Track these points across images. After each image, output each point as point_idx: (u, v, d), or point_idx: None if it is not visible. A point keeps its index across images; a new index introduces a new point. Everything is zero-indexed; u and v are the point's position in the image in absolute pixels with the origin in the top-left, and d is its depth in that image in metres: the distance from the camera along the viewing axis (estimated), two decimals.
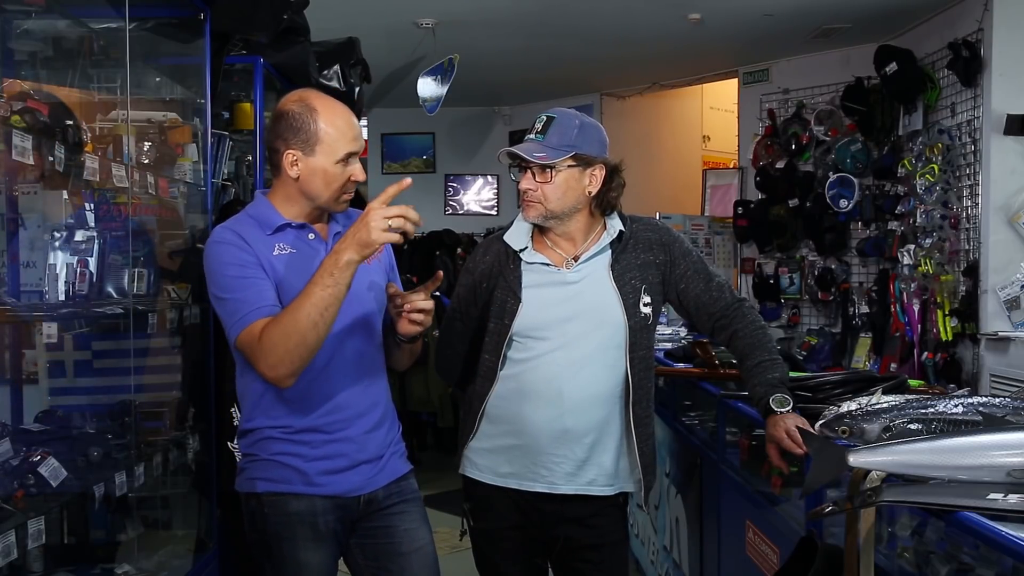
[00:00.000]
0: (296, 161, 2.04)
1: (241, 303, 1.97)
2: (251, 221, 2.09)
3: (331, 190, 2.06)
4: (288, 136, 2.03)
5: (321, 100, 2.07)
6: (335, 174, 2.05)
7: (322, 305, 1.88)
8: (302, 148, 2.03)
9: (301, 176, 2.05)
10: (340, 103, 2.11)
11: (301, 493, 2.07)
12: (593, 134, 2.26)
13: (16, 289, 2.46)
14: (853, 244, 5.72)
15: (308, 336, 1.90)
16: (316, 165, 2.03)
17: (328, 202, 2.08)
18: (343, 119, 2.06)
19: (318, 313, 1.88)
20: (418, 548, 2.17)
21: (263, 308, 1.95)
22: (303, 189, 2.06)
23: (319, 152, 2.03)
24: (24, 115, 2.09)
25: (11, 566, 1.90)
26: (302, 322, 1.88)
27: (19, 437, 2.25)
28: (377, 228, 1.86)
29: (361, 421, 2.11)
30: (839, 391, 2.38)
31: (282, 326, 1.90)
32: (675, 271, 2.34)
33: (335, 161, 2.04)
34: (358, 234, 1.87)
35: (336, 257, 1.88)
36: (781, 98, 6.17)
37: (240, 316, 1.96)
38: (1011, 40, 4.44)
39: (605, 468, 2.30)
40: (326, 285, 1.88)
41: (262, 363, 1.93)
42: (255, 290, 1.97)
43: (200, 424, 2.94)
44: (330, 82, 3.80)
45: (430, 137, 8.15)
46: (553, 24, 5.32)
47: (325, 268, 1.89)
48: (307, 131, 2.02)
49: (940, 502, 1.61)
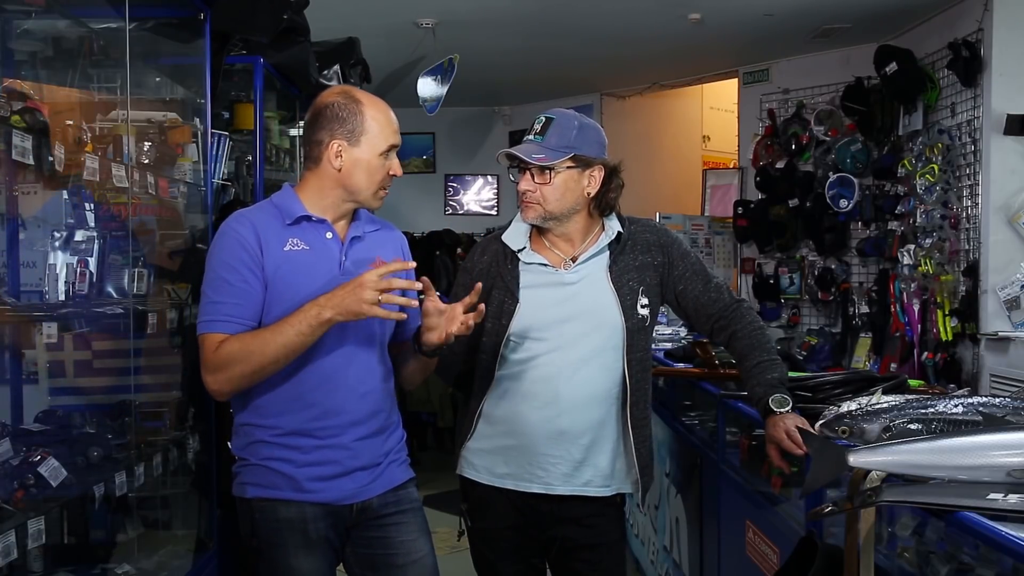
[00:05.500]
0: (340, 152, 2.04)
1: (216, 307, 2.00)
2: (274, 210, 2.09)
3: (373, 182, 2.08)
4: (334, 127, 2.04)
5: (365, 94, 2.11)
6: (377, 166, 2.07)
7: (290, 348, 1.94)
8: (347, 139, 2.04)
9: (344, 167, 2.05)
10: (380, 99, 2.13)
11: (290, 499, 2.05)
12: (592, 135, 2.26)
13: (16, 289, 2.47)
14: (853, 244, 5.72)
15: (266, 370, 1.97)
16: (360, 156, 2.05)
17: (368, 197, 2.10)
18: (386, 113, 2.10)
19: (283, 354, 1.95)
20: (415, 560, 2.14)
21: (231, 323, 1.99)
22: (344, 182, 2.07)
23: (364, 143, 2.05)
24: (24, 115, 2.08)
25: (11, 566, 1.90)
26: (266, 356, 1.95)
27: (19, 437, 2.25)
28: (367, 301, 1.90)
29: (356, 428, 2.08)
30: (839, 391, 2.38)
31: (246, 351, 1.95)
32: (673, 272, 2.34)
33: (379, 153, 2.06)
34: (346, 300, 1.91)
35: (319, 311, 1.92)
36: (781, 98, 6.17)
37: (209, 318, 2.01)
38: (1011, 40, 4.44)
39: (601, 469, 2.30)
40: (301, 332, 1.93)
41: (208, 373, 1.99)
42: (234, 300, 2.00)
43: (200, 424, 2.94)
44: (330, 82, 3.80)
45: (430, 137, 8.15)
46: (553, 24, 5.32)
47: (305, 317, 1.93)
48: (353, 122, 2.04)
49: (940, 502, 1.61)
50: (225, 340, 1.97)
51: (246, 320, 2.00)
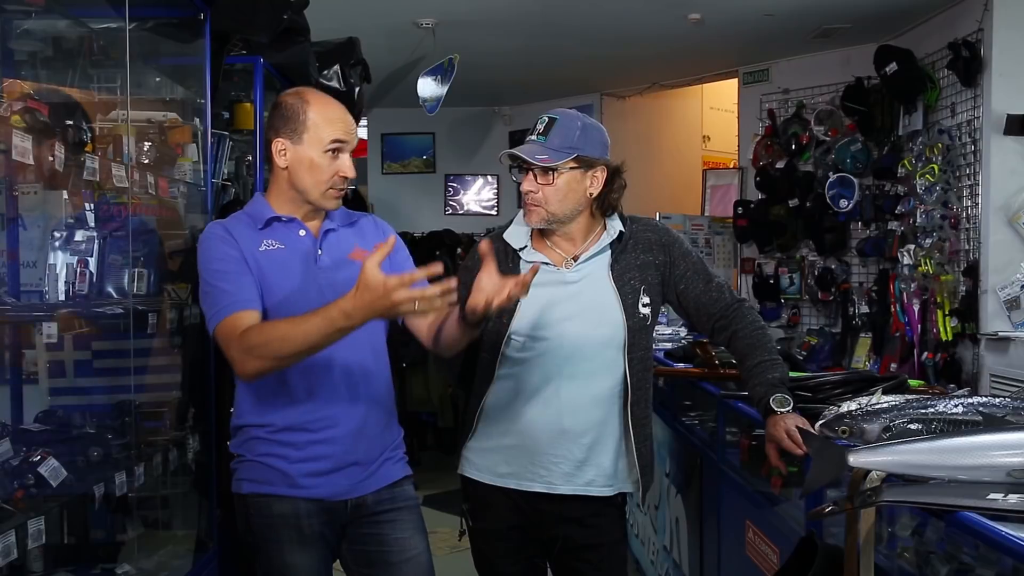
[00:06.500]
0: (284, 150, 2.05)
1: (223, 294, 1.98)
2: (246, 218, 2.11)
3: (318, 181, 2.05)
4: (279, 125, 2.05)
5: (317, 94, 2.10)
6: (321, 165, 2.04)
7: (312, 342, 1.84)
8: (290, 136, 2.04)
9: (289, 166, 2.05)
10: (339, 101, 2.12)
11: (284, 495, 2.06)
12: (595, 135, 2.26)
13: (16, 289, 2.46)
14: (853, 244, 5.72)
15: (286, 358, 1.88)
16: (303, 154, 2.04)
17: (316, 196, 2.07)
18: (335, 111, 2.07)
19: (306, 346, 1.85)
20: (409, 558, 2.14)
21: (242, 302, 1.96)
22: (292, 181, 2.07)
23: (306, 140, 2.04)
24: (24, 115, 2.09)
25: (11, 566, 1.90)
26: (286, 346, 1.85)
27: (19, 437, 2.25)
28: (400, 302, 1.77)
29: (350, 423, 2.08)
30: (839, 391, 2.38)
31: (269, 335, 1.87)
32: (675, 272, 2.34)
33: (323, 150, 2.04)
34: (375, 305, 1.77)
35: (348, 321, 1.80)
36: (781, 98, 6.16)
37: (221, 306, 1.97)
38: (1011, 40, 4.44)
39: (603, 468, 2.30)
40: (327, 333, 1.82)
41: (238, 350, 1.90)
42: (236, 284, 1.99)
43: (200, 424, 2.94)
44: (330, 82, 3.80)
45: (430, 137, 8.15)
46: (553, 24, 5.32)
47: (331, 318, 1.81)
48: (296, 120, 2.03)
49: (940, 502, 1.61)
50: (249, 322, 1.91)
51: (256, 303, 1.98)
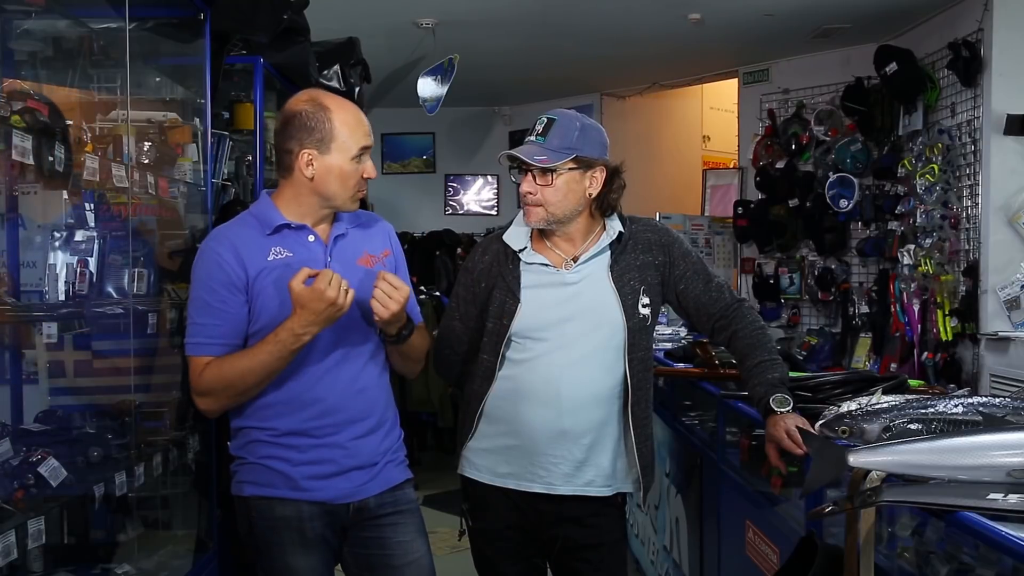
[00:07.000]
0: (312, 161, 2.03)
1: (198, 328, 2.05)
2: (253, 221, 2.10)
3: (346, 188, 2.06)
4: (302, 136, 2.02)
5: (332, 98, 2.08)
6: (350, 172, 2.05)
7: (269, 370, 2.00)
8: (317, 147, 2.02)
9: (317, 176, 2.04)
10: (350, 101, 2.11)
11: (287, 498, 2.06)
12: (594, 136, 2.26)
13: (16, 289, 2.46)
14: (853, 244, 5.72)
15: (249, 392, 2.06)
16: (332, 163, 2.03)
17: (343, 201, 2.08)
18: (355, 115, 2.07)
19: (264, 376, 2.01)
20: (411, 561, 2.14)
21: (213, 345, 2.03)
22: (318, 189, 2.05)
23: (334, 150, 2.03)
24: (24, 115, 2.08)
25: (11, 566, 1.90)
26: (247, 382, 2.01)
27: (19, 437, 2.25)
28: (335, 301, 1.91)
29: (352, 427, 2.09)
30: (839, 391, 2.38)
31: (225, 378, 2.01)
32: (674, 272, 2.34)
33: (350, 158, 2.04)
34: (323, 314, 1.92)
35: (296, 339, 1.95)
36: (781, 98, 6.17)
37: (192, 340, 2.06)
38: (1011, 40, 4.44)
39: (603, 469, 2.30)
40: (281, 357, 1.98)
41: (196, 395, 2.07)
42: (214, 321, 2.04)
43: (200, 424, 2.93)
44: (330, 82, 3.81)
45: (430, 137, 8.16)
46: (553, 24, 5.33)
47: (281, 343, 1.95)
48: (321, 130, 2.02)
49: (940, 502, 1.61)
50: (208, 365, 2.02)
51: (228, 339, 2.03)
